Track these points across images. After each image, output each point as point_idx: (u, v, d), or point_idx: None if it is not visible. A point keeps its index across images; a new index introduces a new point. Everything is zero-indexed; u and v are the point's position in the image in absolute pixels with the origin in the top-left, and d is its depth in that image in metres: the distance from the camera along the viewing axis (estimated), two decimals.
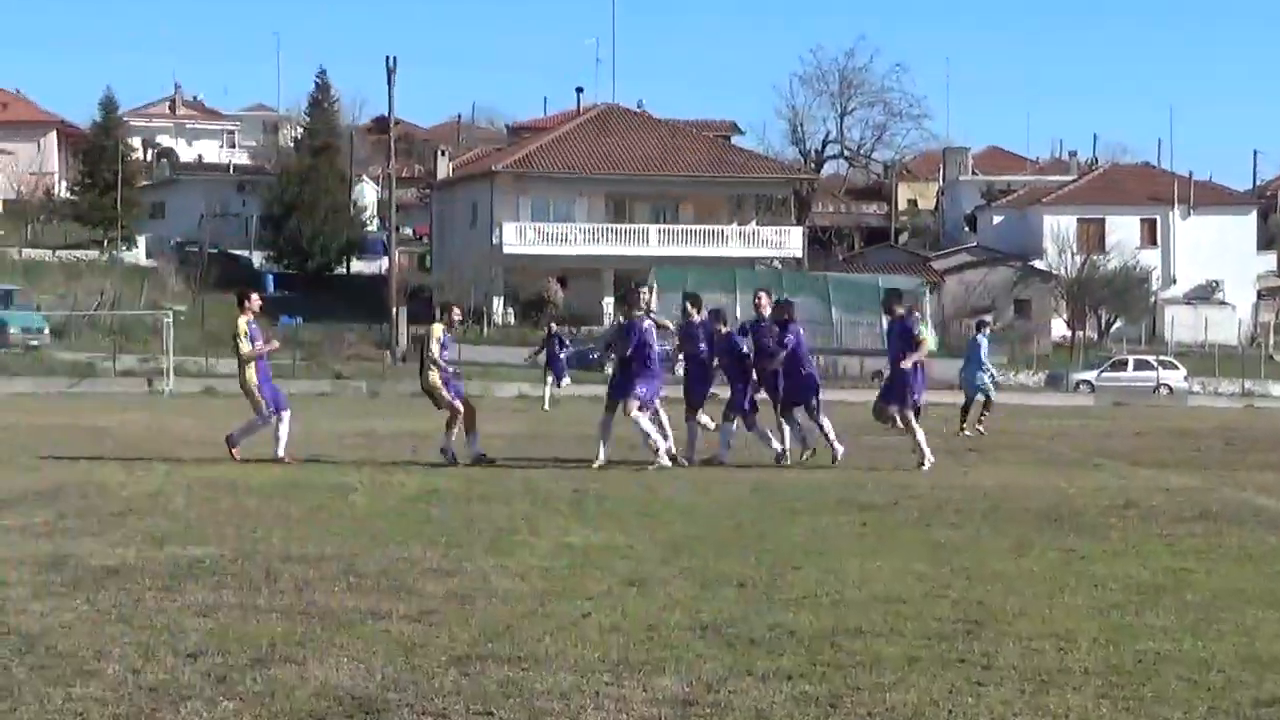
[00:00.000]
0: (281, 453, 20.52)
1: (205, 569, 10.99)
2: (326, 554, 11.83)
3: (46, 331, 66.39)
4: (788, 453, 21.16)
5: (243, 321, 20.91)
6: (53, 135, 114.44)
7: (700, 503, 16.31)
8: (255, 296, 22.01)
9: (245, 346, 20.78)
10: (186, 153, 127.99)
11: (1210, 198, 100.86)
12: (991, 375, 31.50)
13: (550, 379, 41.62)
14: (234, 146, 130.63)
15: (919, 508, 15.72)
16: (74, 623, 8.95)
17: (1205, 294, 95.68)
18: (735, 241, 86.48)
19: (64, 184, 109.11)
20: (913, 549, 12.51)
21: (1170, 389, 68.77)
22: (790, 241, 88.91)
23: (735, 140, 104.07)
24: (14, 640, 8.40)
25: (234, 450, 20.63)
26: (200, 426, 28.37)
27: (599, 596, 10.04)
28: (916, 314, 26.68)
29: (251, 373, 20.85)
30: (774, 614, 9.45)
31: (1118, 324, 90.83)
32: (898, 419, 20.88)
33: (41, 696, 7.19)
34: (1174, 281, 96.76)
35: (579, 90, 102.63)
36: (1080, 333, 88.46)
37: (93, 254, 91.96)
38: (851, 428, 24.73)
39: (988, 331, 33.86)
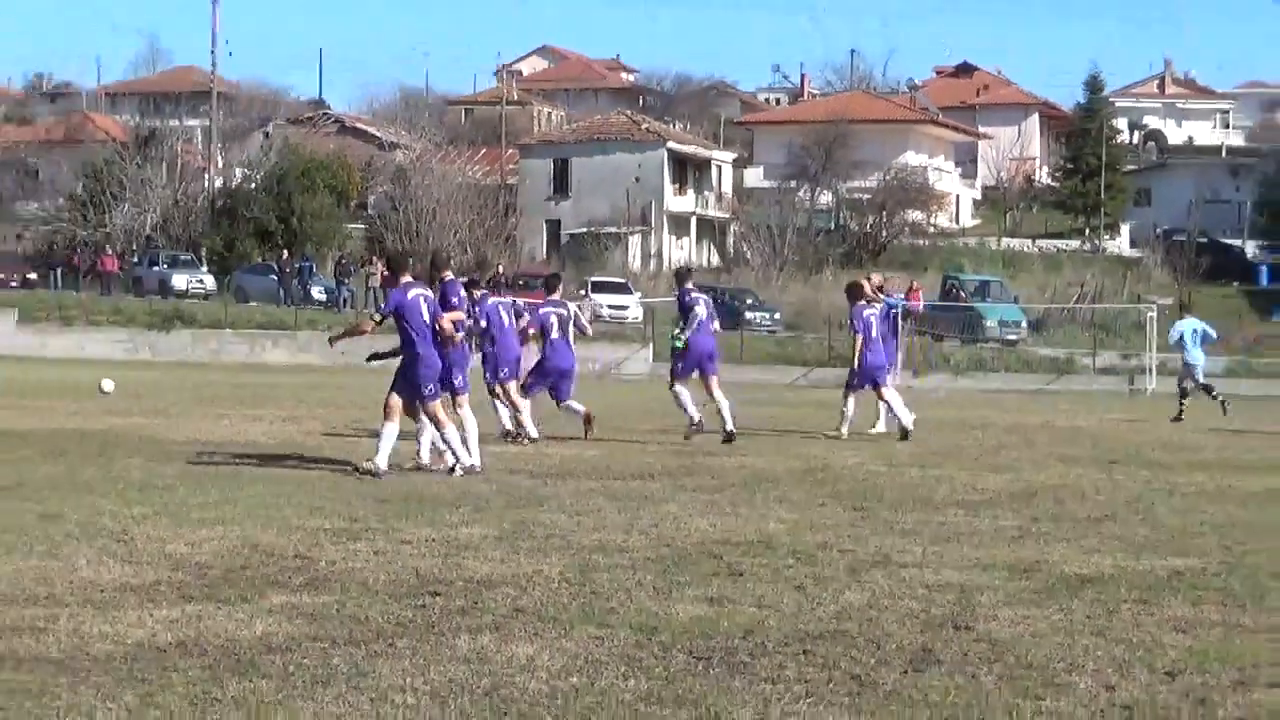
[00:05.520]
0: None
1: (1185, 582, 10.87)
2: None
3: (1024, 325, 67.64)
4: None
5: None
6: (1034, 119, 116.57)
7: None
8: None
9: None
10: (1175, 134, 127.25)
11: None
12: None
13: None
14: (1228, 127, 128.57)
15: None
16: (1045, 632, 9.07)
17: None
18: None
19: (1045, 169, 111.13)
20: None
21: None
22: None
23: None
24: (982, 647, 8.62)
25: None
26: (1184, 431, 28.24)
27: None
28: None
29: None
30: None
31: None
32: None
33: (1010, 708, 7.35)
34: None
35: None
36: None
37: (1073, 244, 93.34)
38: None
39: None
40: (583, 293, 64.57)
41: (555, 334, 22.96)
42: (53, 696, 7.14)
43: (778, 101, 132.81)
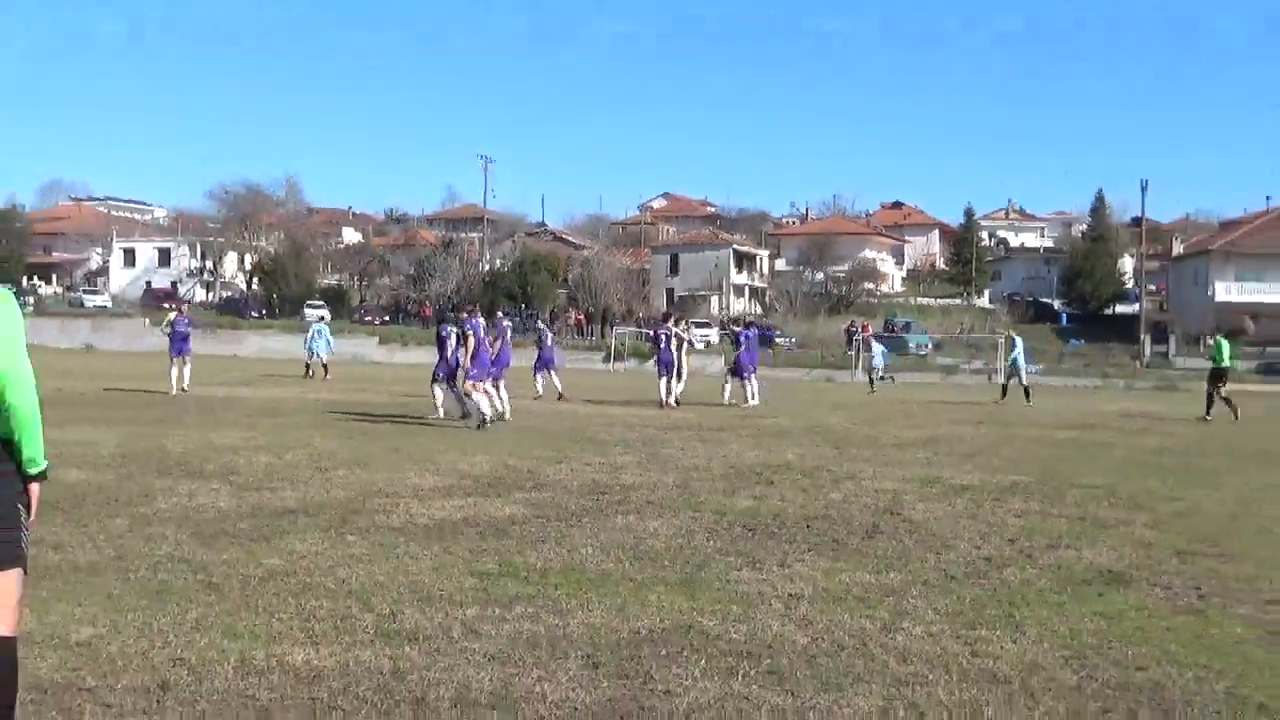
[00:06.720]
0: None
1: (1021, 488, 10.65)
2: (1098, 483, 11.19)
3: (930, 346, 67.22)
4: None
5: None
6: (935, 232, 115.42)
7: None
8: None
9: None
10: (1014, 240, 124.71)
11: None
12: None
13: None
14: (1043, 236, 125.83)
15: None
16: (941, 517, 8.92)
17: None
18: None
19: (941, 259, 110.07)
20: None
21: None
22: None
23: None
24: (906, 525, 8.55)
25: None
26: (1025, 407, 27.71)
27: None
28: None
29: None
30: None
31: None
32: None
33: (921, 559, 7.28)
34: None
35: None
36: None
37: (957, 301, 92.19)
38: None
39: None
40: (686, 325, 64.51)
41: (663, 344, 23.08)
42: (394, 546, 7.24)
43: (793, 222, 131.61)
